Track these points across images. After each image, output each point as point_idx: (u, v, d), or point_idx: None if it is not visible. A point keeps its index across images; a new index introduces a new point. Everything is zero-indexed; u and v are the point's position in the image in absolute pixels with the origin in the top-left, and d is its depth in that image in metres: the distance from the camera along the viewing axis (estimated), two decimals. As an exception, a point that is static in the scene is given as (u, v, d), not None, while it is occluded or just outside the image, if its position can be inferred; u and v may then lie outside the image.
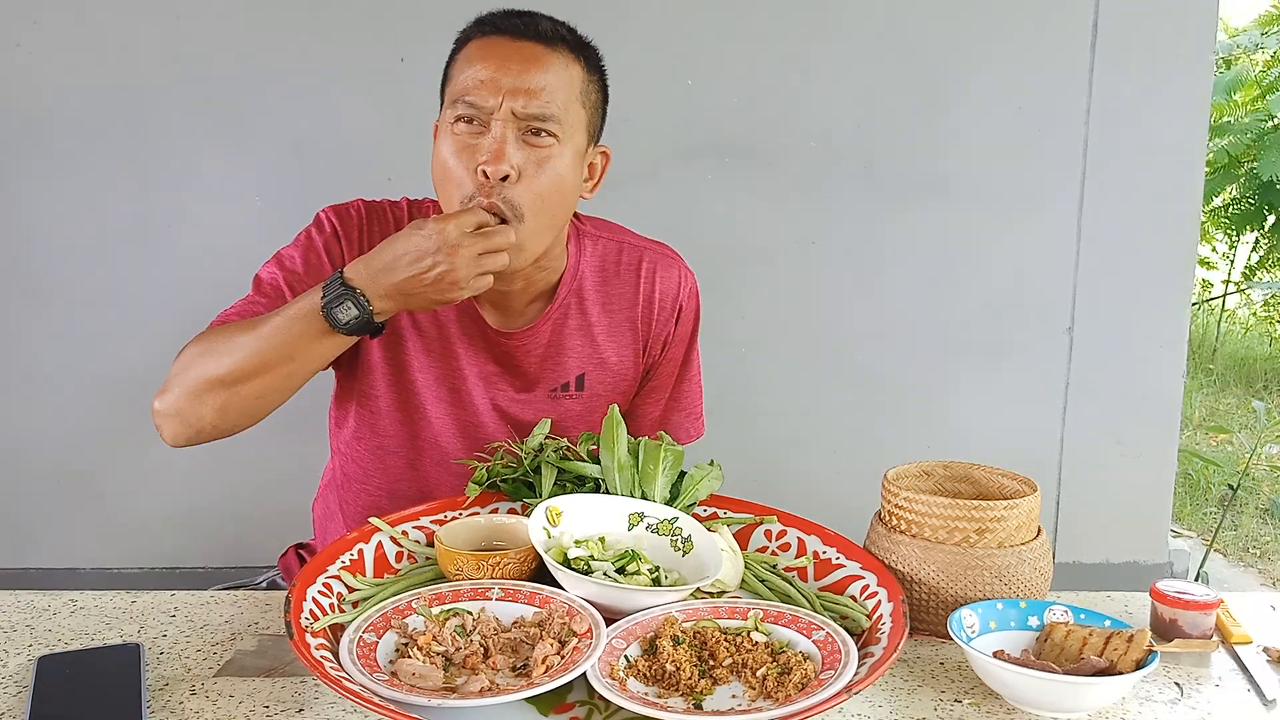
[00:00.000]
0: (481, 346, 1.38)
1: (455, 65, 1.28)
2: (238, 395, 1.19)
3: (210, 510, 2.24)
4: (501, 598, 1.07)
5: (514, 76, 1.21)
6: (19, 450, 2.21)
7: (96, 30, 2.06)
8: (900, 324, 2.28)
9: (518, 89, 1.21)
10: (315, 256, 1.32)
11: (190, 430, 1.22)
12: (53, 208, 2.12)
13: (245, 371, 1.18)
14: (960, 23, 2.18)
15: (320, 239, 1.33)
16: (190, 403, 1.20)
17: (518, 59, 1.23)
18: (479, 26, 1.29)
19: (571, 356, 1.40)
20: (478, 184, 1.20)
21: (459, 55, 1.29)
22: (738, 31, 2.16)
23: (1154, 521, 2.40)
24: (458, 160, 1.21)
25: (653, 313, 1.43)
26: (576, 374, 1.41)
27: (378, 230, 1.36)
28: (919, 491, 1.23)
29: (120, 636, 1.10)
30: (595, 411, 1.40)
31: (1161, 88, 2.22)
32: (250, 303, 1.30)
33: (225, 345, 1.19)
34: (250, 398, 1.19)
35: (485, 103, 1.20)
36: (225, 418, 1.20)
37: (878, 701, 0.99)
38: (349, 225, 1.35)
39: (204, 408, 1.19)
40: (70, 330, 2.16)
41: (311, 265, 1.32)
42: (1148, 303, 2.29)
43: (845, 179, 2.22)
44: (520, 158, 1.21)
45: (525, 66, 1.22)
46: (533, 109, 1.21)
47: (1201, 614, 1.10)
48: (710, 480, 1.27)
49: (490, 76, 1.21)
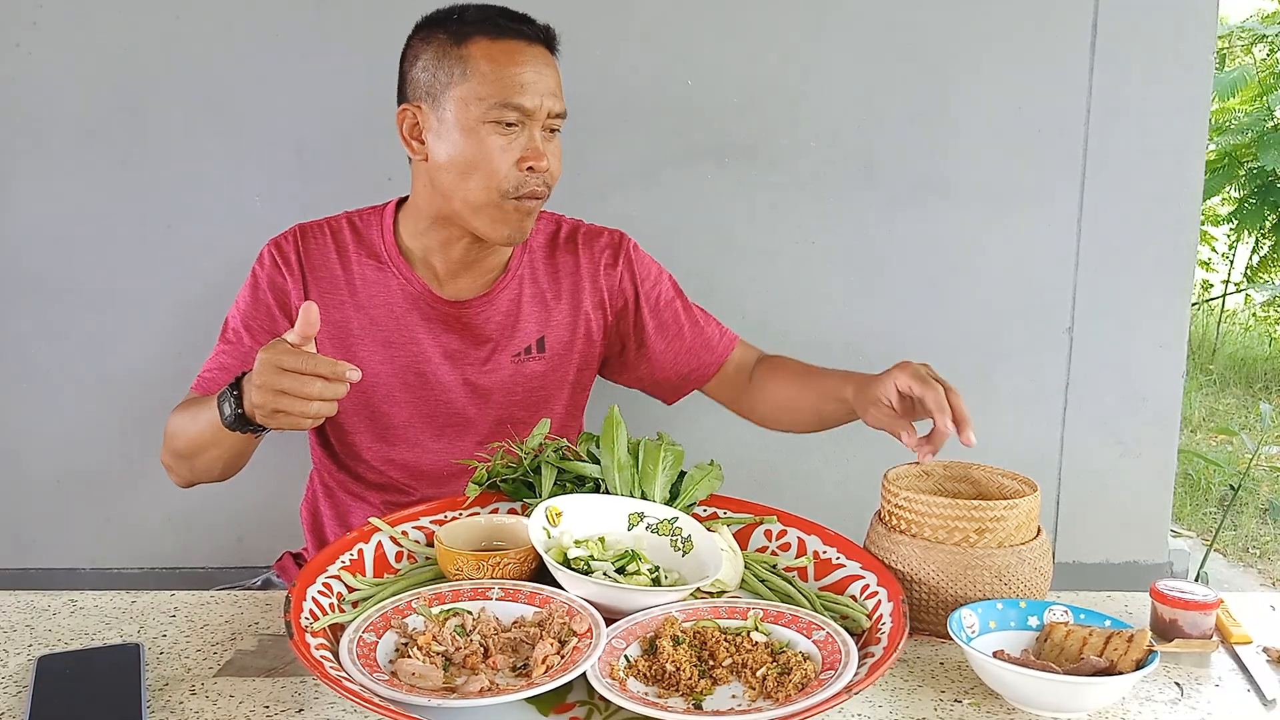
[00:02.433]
0: (439, 322, 1.47)
1: (470, 61, 1.34)
2: (197, 466, 1.36)
3: (210, 510, 2.24)
4: (501, 598, 1.07)
5: (545, 82, 1.35)
6: (19, 450, 2.21)
7: (96, 30, 2.06)
8: (900, 324, 2.28)
9: (548, 94, 1.35)
10: (260, 293, 1.45)
11: (184, 481, 1.43)
12: (52, 208, 2.12)
13: (195, 450, 1.33)
14: (960, 23, 2.18)
15: (263, 274, 1.46)
16: (174, 463, 1.40)
17: (543, 64, 1.36)
18: (491, 28, 1.35)
19: (529, 321, 1.51)
20: (522, 177, 1.35)
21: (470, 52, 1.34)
22: (738, 31, 2.16)
23: (1154, 521, 2.40)
24: (500, 158, 1.34)
25: (598, 270, 1.55)
26: (537, 337, 1.51)
27: (314, 249, 1.47)
28: (919, 491, 1.23)
29: (120, 636, 1.10)
30: (558, 370, 1.53)
31: (1161, 88, 2.22)
32: (219, 353, 1.45)
33: (180, 427, 1.35)
34: (206, 468, 1.36)
35: (530, 106, 1.33)
36: (199, 476, 1.39)
37: (878, 701, 0.99)
38: (286, 253, 1.46)
39: (183, 469, 1.39)
40: (70, 330, 2.16)
41: (259, 301, 1.45)
42: (1148, 303, 2.29)
43: (845, 179, 2.22)
44: (549, 150, 1.38)
45: (549, 71, 1.37)
46: (559, 108, 1.38)
47: (1201, 614, 1.10)
48: (710, 480, 1.27)
49: (529, 82, 1.33)
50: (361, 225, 1.49)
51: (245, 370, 1.18)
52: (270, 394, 1.09)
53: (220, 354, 1.45)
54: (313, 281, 1.45)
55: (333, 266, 1.46)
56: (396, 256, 1.46)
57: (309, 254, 1.46)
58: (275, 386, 1.08)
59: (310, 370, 1.07)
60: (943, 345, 2.29)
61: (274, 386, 1.08)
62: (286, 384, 1.07)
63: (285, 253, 1.46)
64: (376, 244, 1.47)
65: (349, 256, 1.46)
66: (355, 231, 1.48)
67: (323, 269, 1.46)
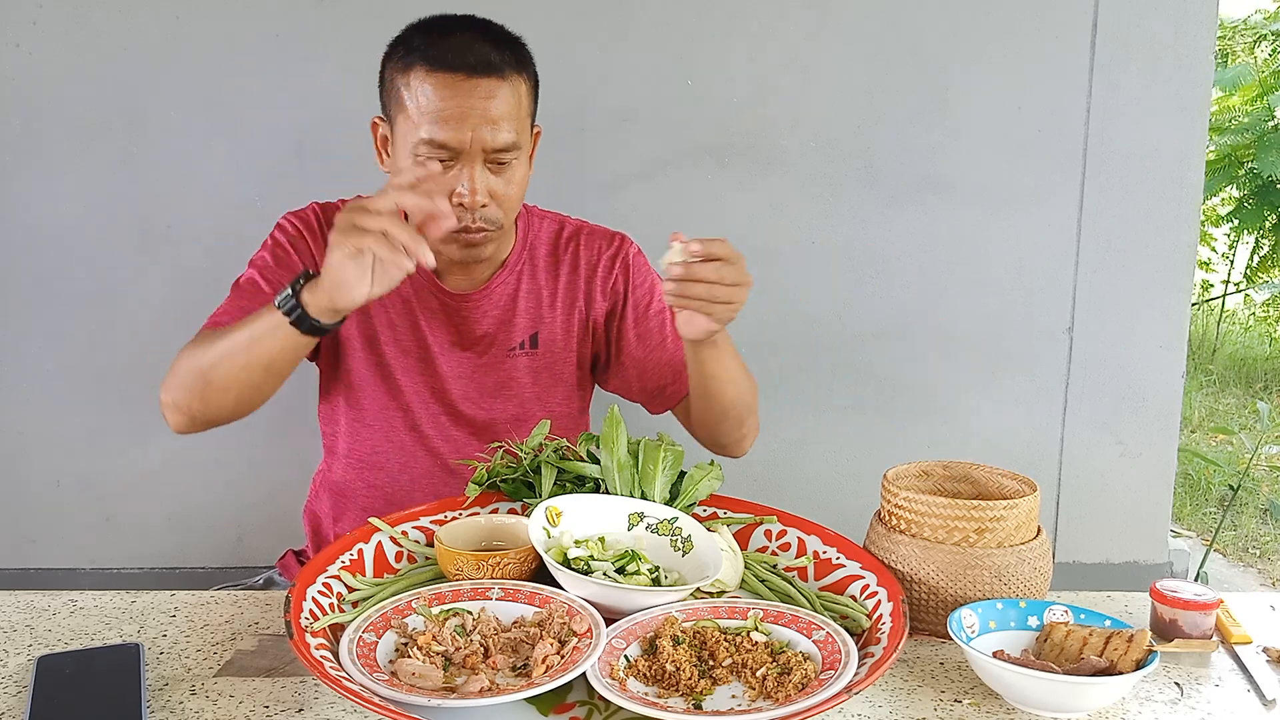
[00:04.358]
0: (439, 313, 1.49)
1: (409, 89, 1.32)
2: (215, 381, 1.29)
3: (210, 510, 2.24)
4: (501, 598, 1.07)
5: (479, 117, 1.30)
6: (19, 450, 2.21)
7: (96, 30, 2.06)
8: (900, 324, 2.28)
9: (483, 128, 1.30)
10: (283, 251, 1.44)
11: (185, 417, 1.34)
12: (52, 208, 2.12)
13: (221, 359, 1.27)
14: (960, 23, 2.18)
15: (285, 237, 1.45)
16: (185, 387, 1.31)
17: (479, 97, 1.30)
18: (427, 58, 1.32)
19: (523, 316, 1.51)
20: (455, 213, 1.28)
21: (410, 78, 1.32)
22: (738, 31, 2.16)
23: (1154, 521, 2.40)
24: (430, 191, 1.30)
25: (595, 273, 1.54)
26: (530, 333, 1.52)
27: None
28: (919, 491, 1.23)
29: (120, 636, 1.10)
30: (550, 367, 1.53)
31: (1161, 88, 2.22)
32: (231, 302, 1.41)
33: (202, 347, 1.31)
34: (226, 383, 1.28)
35: (455, 143, 1.29)
36: (212, 400, 1.30)
37: (878, 701, 0.99)
38: (310, 222, 1.47)
39: (195, 390, 1.30)
40: (70, 330, 2.16)
41: (280, 259, 1.43)
42: (1148, 303, 2.29)
43: (845, 179, 2.22)
44: (491, 183, 1.34)
45: (488, 104, 1.30)
46: (499, 142, 1.31)
47: (1201, 614, 1.10)
48: (710, 480, 1.27)
49: (457, 119, 1.29)
50: None
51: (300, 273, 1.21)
52: (360, 237, 1.11)
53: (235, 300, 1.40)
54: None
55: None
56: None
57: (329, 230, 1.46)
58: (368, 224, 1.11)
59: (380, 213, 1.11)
60: (942, 345, 2.30)
61: (364, 225, 1.11)
62: (377, 224, 1.10)
63: (309, 222, 1.46)
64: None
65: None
66: None
67: None
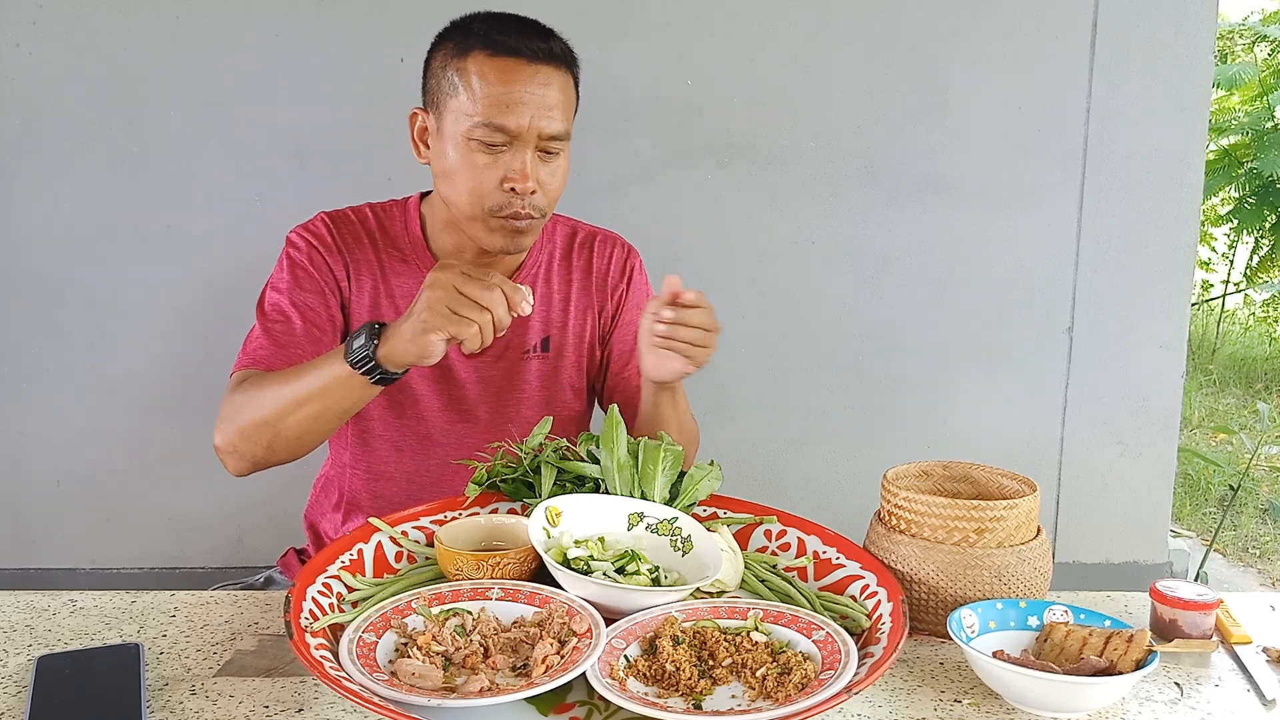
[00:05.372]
0: None
1: (465, 75, 1.34)
2: (285, 431, 1.28)
3: (210, 510, 2.24)
4: (501, 598, 1.07)
5: (537, 103, 1.32)
6: (19, 450, 2.21)
7: (96, 30, 2.06)
8: (900, 324, 2.28)
9: (540, 114, 1.32)
10: (303, 271, 1.43)
11: (247, 463, 1.33)
12: (52, 208, 2.12)
13: (290, 409, 1.26)
14: (960, 23, 2.19)
15: (301, 256, 1.44)
16: (246, 436, 1.30)
17: (538, 84, 1.33)
18: (489, 43, 1.33)
19: (536, 320, 1.53)
20: (505, 198, 1.34)
21: (467, 65, 1.34)
22: (738, 31, 2.16)
23: (1154, 521, 2.40)
24: (483, 175, 1.33)
25: (606, 280, 1.57)
26: (542, 336, 1.53)
27: (348, 234, 1.47)
28: (919, 491, 1.23)
29: (120, 636, 1.10)
30: (560, 371, 1.55)
31: (1161, 88, 2.22)
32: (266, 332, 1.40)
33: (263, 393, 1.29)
34: (297, 432, 1.28)
35: (513, 126, 1.31)
36: (279, 446, 1.30)
37: (877, 701, 0.99)
38: (321, 235, 1.46)
39: (260, 439, 1.29)
40: (70, 330, 2.16)
41: (301, 280, 1.42)
42: (1148, 303, 2.29)
43: (845, 179, 2.22)
44: (540, 172, 1.36)
45: (545, 92, 1.34)
46: (552, 130, 1.34)
47: (1201, 614, 1.10)
48: (710, 480, 1.27)
49: (517, 103, 1.31)
50: (384, 217, 1.50)
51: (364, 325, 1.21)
52: (454, 300, 1.11)
53: (267, 333, 1.39)
54: (351, 264, 1.46)
55: (366, 252, 1.47)
56: (422, 250, 1.47)
57: (344, 238, 1.46)
58: (460, 291, 1.11)
59: (494, 282, 1.12)
60: (942, 345, 2.30)
61: (459, 290, 1.11)
62: (472, 291, 1.11)
63: (320, 235, 1.45)
64: (400, 236, 1.48)
65: (378, 245, 1.48)
66: (379, 222, 1.49)
67: (358, 253, 1.46)
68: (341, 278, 1.45)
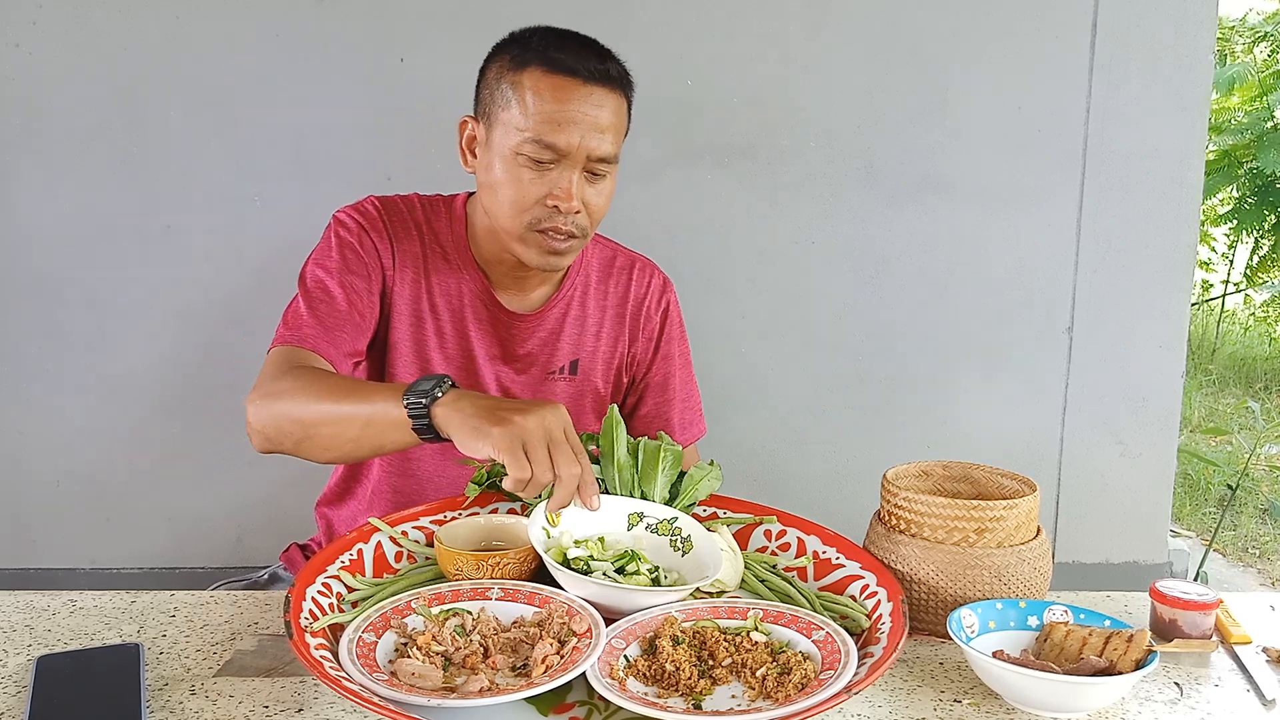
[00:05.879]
0: (490, 328, 1.49)
1: (520, 90, 1.32)
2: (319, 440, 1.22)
3: (210, 510, 2.24)
4: (501, 598, 1.07)
5: (589, 123, 1.32)
6: (19, 450, 2.21)
7: (96, 30, 2.06)
8: (900, 324, 2.28)
9: (590, 135, 1.32)
10: (351, 252, 1.41)
11: (272, 447, 1.27)
12: (52, 208, 2.12)
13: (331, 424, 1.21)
14: (960, 23, 2.18)
15: (350, 235, 1.42)
16: (275, 431, 1.24)
17: (592, 105, 1.33)
18: (546, 60, 1.32)
19: (566, 342, 1.52)
20: (547, 212, 1.33)
21: (522, 80, 1.33)
22: (738, 31, 2.16)
23: (1154, 521, 2.40)
24: (527, 190, 1.32)
25: (641, 309, 1.57)
26: (570, 359, 1.53)
27: (398, 222, 1.46)
28: (918, 491, 1.23)
29: (120, 636, 1.10)
30: (584, 395, 1.54)
31: (1161, 88, 2.22)
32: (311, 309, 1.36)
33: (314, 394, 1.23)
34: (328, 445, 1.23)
35: (563, 145, 1.31)
36: (309, 447, 1.25)
37: (877, 701, 0.99)
38: (371, 217, 1.44)
39: (293, 434, 1.24)
40: (70, 330, 2.16)
41: (349, 261, 1.40)
42: (1148, 303, 2.29)
43: (845, 179, 2.22)
44: (586, 192, 1.35)
45: (597, 113, 1.33)
46: (602, 151, 1.34)
47: (1201, 614, 1.10)
48: (710, 480, 1.27)
49: (568, 121, 1.31)
50: (431, 212, 1.49)
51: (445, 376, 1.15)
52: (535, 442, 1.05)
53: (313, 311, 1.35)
54: (399, 253, 1.44)
55: (414, 244, 1.46)
56: (466, 252, 1.46)
57: (394, 225, 1.45)
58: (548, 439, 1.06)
59: (582, 464, 1.08)
60: (942, 345, 2.30)
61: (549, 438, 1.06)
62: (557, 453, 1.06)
63: (371, 218, 1.44)
64: (445, 234, 1.47)
65: (425, 239, 1.46)
66: (426, 215, 1.48)
67: (405, 243, 1.45)
68: (388, 265, 1.43)
